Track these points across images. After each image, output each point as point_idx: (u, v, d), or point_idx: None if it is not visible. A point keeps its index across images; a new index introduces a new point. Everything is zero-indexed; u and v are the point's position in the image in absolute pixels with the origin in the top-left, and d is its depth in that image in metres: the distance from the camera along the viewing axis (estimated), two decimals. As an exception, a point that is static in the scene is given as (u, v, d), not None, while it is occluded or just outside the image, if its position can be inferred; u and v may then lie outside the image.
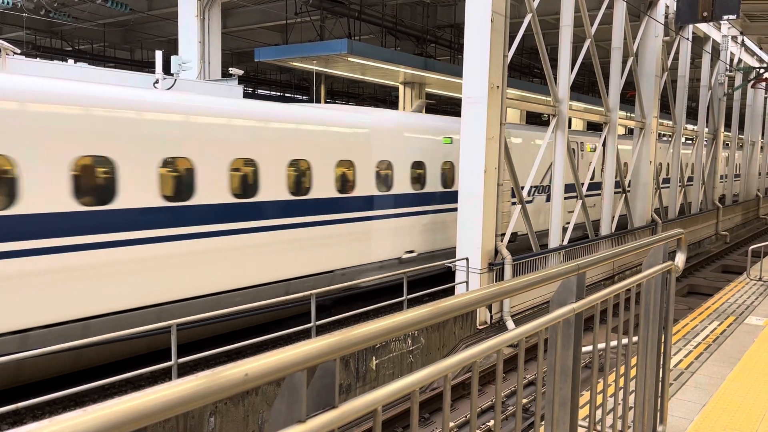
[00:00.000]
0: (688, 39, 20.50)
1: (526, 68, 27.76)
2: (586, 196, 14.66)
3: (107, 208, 7.75)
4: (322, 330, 9.24)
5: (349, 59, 14.81)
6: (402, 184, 12.42)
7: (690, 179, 23.62)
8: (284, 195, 9.99)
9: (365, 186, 11.55)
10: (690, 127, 26.33)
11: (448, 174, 13.58)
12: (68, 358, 7.44)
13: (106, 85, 8.32)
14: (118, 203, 7.84)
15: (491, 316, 11.65)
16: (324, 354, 1.38)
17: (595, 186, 15.46)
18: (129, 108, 8.00)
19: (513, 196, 12.66)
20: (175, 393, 1.10)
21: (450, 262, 11.63)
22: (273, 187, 9.78)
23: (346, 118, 11.58)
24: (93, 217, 7.59)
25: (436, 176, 13.30)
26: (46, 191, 7.20)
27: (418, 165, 12.85)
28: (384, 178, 12.02)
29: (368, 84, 30.74)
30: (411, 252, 12.70)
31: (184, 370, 7.85)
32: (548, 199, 14.86)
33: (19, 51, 8.49)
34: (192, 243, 8.67)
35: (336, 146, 10.95)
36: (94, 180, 7.62)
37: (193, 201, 8.65)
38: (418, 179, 12.88)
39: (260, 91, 32.32)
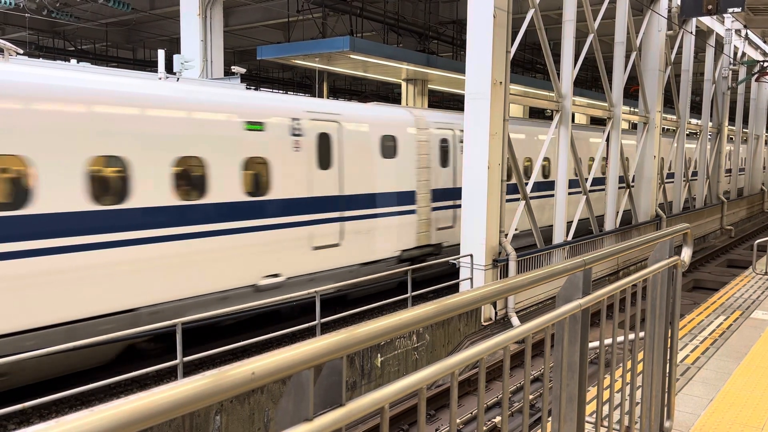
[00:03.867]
0: (691, 33, 20.42)
1: (528, 64, 27.69)
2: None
3: None
4: (327, 328, 9.25)
5: (352, 56, 14.80)
6: None
7: (694, 174, 23.55)
8: None
9: None
10: (694, 121, 26.23)
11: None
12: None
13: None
14: None
15: (496, 313, 11.64)
16: (331, 352, 1.37)
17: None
18: None
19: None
20: (182, 392, 1.09)
21: (454, 259, 11.62)
22: None
23: None
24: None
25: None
26: None
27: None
28: None
29: (370, 81, 30.72)
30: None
31: (190, 369, 7.87)
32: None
33: (21, 51, 8.49)
34: None
35: None
36: None
37: None
38: None
39: (262, 89, 32.30)
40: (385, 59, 15.44)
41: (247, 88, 10.93)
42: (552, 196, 14.07)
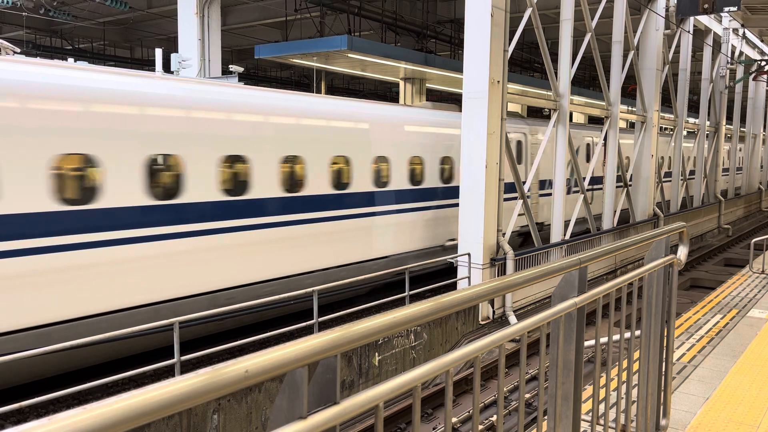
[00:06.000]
0: (689, 32, 20.44)
1: (526, 63, 27.70)
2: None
3: None
4: (324, 327, 9.25)
5: (350, 55, 14.78)
6: None
7: (692, 173, 23.59)
8: None
9: None
10: (691, 120, 26.26)
11: None
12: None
13: None
14: None
15: (493, 312, 11.65)
16: (324, 350, 1.37)
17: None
18: None
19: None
20: (176, 390, 1.09)
21: (452, 258, 11.62)
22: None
23: None
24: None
25: None
26: None
27: None
28: None
29: (368, 80, 30.72)
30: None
31: (187, 368, 7.86)
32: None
33: (19, 50, 8.46)
34: None
35: None
36: None
37: None
38: None
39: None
40: (382, 58, 15.43)
41: None
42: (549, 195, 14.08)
